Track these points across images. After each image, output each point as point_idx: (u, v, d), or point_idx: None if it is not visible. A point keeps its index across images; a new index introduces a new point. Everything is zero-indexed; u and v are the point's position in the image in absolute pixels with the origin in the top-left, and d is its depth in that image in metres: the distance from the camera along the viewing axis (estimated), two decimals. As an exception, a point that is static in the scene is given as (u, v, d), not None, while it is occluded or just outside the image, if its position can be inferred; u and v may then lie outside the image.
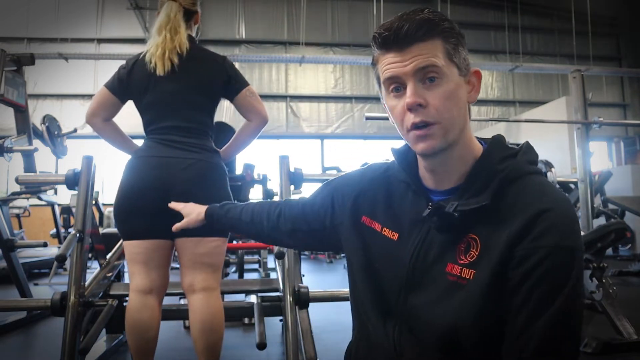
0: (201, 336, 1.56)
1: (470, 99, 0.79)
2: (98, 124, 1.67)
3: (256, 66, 10.02)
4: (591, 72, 8.66)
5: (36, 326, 3.02)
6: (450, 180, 0.79)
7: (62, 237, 5.72)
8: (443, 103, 0.73)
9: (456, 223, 0.73)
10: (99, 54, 9.10)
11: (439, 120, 0.73)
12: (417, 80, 0.73)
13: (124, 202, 1.59)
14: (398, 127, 0.78)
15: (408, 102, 0.72)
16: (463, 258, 0.73)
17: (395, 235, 0.82)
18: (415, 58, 0.72)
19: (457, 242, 0.74)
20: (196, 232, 1.58)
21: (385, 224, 0.84)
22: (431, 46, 0.73)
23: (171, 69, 1.62)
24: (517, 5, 10.27)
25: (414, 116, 0.73)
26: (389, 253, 0.82)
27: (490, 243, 0.71)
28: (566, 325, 0.67)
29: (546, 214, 0.68)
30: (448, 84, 0.73)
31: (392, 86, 0.76)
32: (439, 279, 0.75)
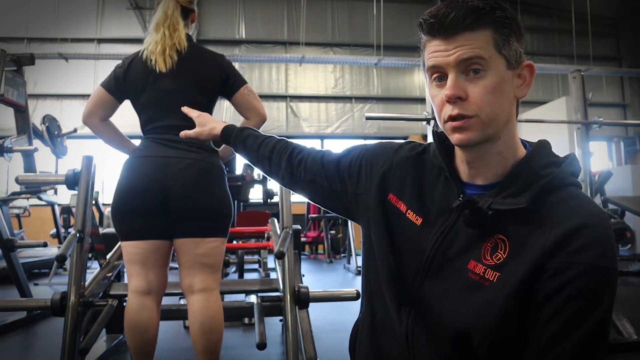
0: (201, 336, 1.56)
1: (519, 93, 0.74)
2: (95, 124, 1.67)
3: (256, 66, 10.01)
4: (591, 72, 8.66)
5: (36, 326, 3.02)
6: (486, 176, 0.76)
7: (62, 237, 5.72)
8: (484, 97, 0.70)
9: (487, 221, 0.70)
10: (99, 54, 9.09)
11: (478, 114, 0.70)
12: (460, 71, 0.70)
13: (122, 203, 1.58)
14: (437, 117, 0.75)
15: (447, 94, 0.70)
16: (489, 258, 0.70)
17: (419, 220, 0.80)
18: (459, 48, 0.69)
19: (484, 241, 0.72)
20: (196, 232, 1.59)
21: (411, 206, 0.81)
22: (479, 36, 0.69)
23: (171, 65, 1.62)
24: (517, 5, 10.26)
25: (452, 108, 0.71)
26: (410, 236, 0.80)
27: (522, 248, 0.68)
28: (595, 347, 0.64)
29: (587, 229, 0.66)
30: (492, 77, 0.70)
31: (434, 75, 0.73)
32: (459, 274, 0.72)
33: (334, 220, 7.38)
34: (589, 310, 0.64)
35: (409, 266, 0.79)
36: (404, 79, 10.67)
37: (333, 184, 0.95)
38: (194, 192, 1.56)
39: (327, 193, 0.97)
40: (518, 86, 0.74)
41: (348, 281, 4.93)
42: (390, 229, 0.83)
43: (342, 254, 7.67)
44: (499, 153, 0.74)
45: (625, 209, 5.28)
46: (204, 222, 1.59)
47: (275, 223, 2.34)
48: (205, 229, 1.59)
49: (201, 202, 1.58)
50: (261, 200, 5.03)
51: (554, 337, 0.64)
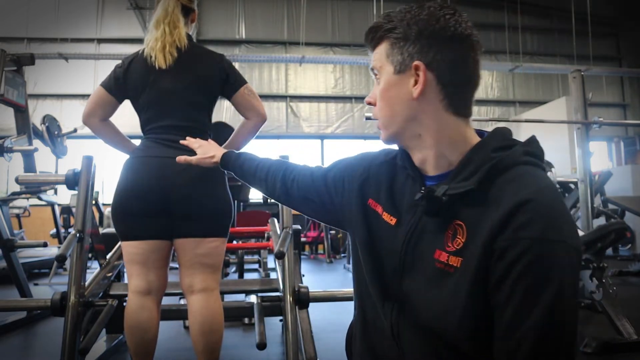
0: (201, 337, 1.56)
1: (414, 93, 0.76)
2: (95, 124, 1.67)
3: (256, 66, 10.01)
4: (591, 72, 8.66)
5: (36, 326, 3.02)
6: (438, 167, 0.79)
7: (62, 237, 5.72)
8: (378, 102, 0.81)
9: (445, 208, 0.72)
10: (99, 54, 9.10)
11: (378, 116, 0.82)
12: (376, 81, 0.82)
13: (122, 203, 1.58)
14: None
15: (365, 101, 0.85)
16: (450, 245, 0.72)
17: (393, 220, 0.83)
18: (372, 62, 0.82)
19: (446, 229, 0.73)
20: (196, 232, 1.59)
21: (386, 208, 0.85)
22: (379, 49, 0.80)
23: (171, 64, 1.61)
24: (517, 5, 10.26)
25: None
26: (387, 236, 0.83)
27: (476, 231, 0.69)
28: (558, 325, 0.62)
29: (531, 204, 0.65)
30: (382, 84, 0.80)
31: None
32: (428, 265, 0.74)
33: (334, 220, 7.36)
34: (541, 286, 0.62)
35: (388, 265, 0.82)
36: (404, 79, 10.66)
37: (323, 199, 1.01)
38: (194, 192, 1.56)
39: (319, 208, 1.03)
40: (413, 86, 0.76)
41: (348, 281, 4.92)
42: (371, 231, 0.87)
43: (342, 254, 7.68)
44: (429, 147, 0.78)
45: (625, 209, 5.29)
46: (204, 222, 1.59)
47: (275, 223, 2.34)
48: (205, 229, 1.59)
49: (201, 202, 1.58)
50: (261, 200, 5.03)
51: (514, 318, 0.63)
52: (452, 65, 0.75)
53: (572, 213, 4.86)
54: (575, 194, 4.54)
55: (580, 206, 3.72)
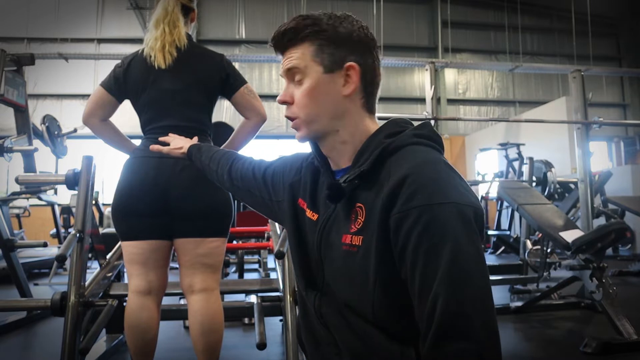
0: (201, 337, 1.56)
1: (345, 91, 0.82)
2: (95, 124, 1.66)
3: (256, 66, 10.02)
4: (591, 72, 8.64)
5: (36, 326, 3.02)
6: (344, 160, 0.85)
7: (62, 237, 5.72)
8: (301, 100, 0.83)
9: (347, 194, 0.79)
10: (99, 54, 9.10)
11: (298, 115, 0.84)
12: (290, 80, 0.85)
13: (122, 203, 1.58)
14: None
15: (277, 100, 0.87)
16: (353, 227, 0.77)
17: (315, 216, 0.88)
18: (287, 61, 0.84)
19: (350, 214, 0.79)
20: (197, 232, 1.59)
21: (309, 206, 0.91)
22: (300, 49, 0.83)
23: (171, 64, 1.61)
24: (517, 5, 10.26)
25: (285, 111, 0.87)
26: (311, 232, 0.88)
27: (372, 209, 0.74)
28: (465, 277, 0.64)
29: (412, 177, 0.70)
30: (309, 82, 0.82)
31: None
32: (337, 250, 0.80)
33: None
34: (439, 245, 0.65)
35: (312, 258, 0.87)
36: (404, 79, 10.68)
37: (262, 194, 1.07)
38: (194, 192, 1.56)
39: (260, 201, 1.09)
40: (343, 85, 0.82)
41: (348, 281, 4.92)
42: (299, 228, 0.92)
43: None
44: (344, 142, 0.84)
45: (625, 209, 5.29)
46: (204, 222, 1.59)
47: (275, 223, 2.34)
48: (205, 229, 1.59)
49: (202, 202, 1.58)
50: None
51: (422, 281, 0.66)
52: (372, 68, 0.84)
53: (572, 213, 4.86)
54: (575, 194, 4.54)
55: (580, 206, 3.72)
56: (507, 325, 2.84)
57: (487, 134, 10.18)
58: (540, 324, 2.85)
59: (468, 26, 11.10)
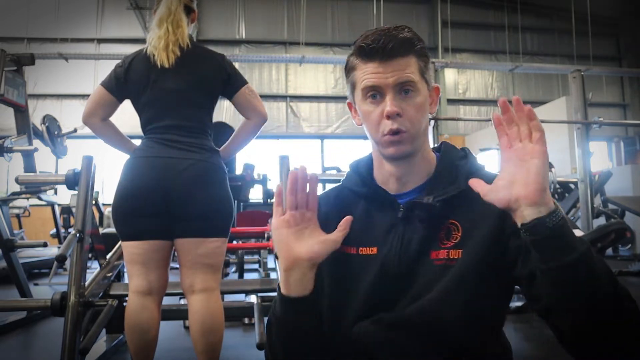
0: (201, 337, 1.56)
1: (431, 110, 0.87)
2: (96, 123, 1.66)
3: (256, 66, 10.02)
4: (591, 72, 8.64)
5: (36, 326, 3.02)
6: (414, 182, 0.87)
7: (62, 237, 5.72)
8: (415, 114, 0.82)
9: (436, 213, 0.81)
10: (99, 54, 9.09)
11: (409, 129, 0.82)
12: (396, 91, 0.81)
13: (123, 203, 1.58)
14: (371, 130, 0.85)
15: (388, 111, 0.80)
16: (447, 242, 0.81)
17: (374, 250, 0.85)
18: (396, 72, 0.81)
19: (437, 231, 0.82)
20: (197, 232, 1.59)
21: (360, 244, 0.86)
22: (408, 62, 0.82)
23: (173, 63, 1.61)
24: (517, 5, 10.27)
25: (392, 123, 0.81)
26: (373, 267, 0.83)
27: (475, 221, 0.80)
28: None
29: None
30: (419, 97, 0.83)
31: (369, 93, 0.83)
32: (426, 269, 0.80)
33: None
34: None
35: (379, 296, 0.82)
36: (404, 79, 10.66)
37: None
38: (195, 192, 1.56)
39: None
40: (430, 104, 0.87)
41: (348, 281, 4.92)
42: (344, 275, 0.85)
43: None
44: (421, 161, 0.87)
45: (625, 209, 5.29)
46: (205, 222, 1.59)
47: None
48: (206, 229, 1.59)
49: (202, 203, 1.58)
50: (261, 200, 5.03)
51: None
52: None
53: (572, 213, 4.85)
54: (575, 194, 4.54)
55: (580, 206, 3.72)
56: (507, 325, 2.83)
57: (487, 134, 10.17)
58: (540, 324, 2.85)
59: (468, 26, 11.10)
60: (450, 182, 0.84)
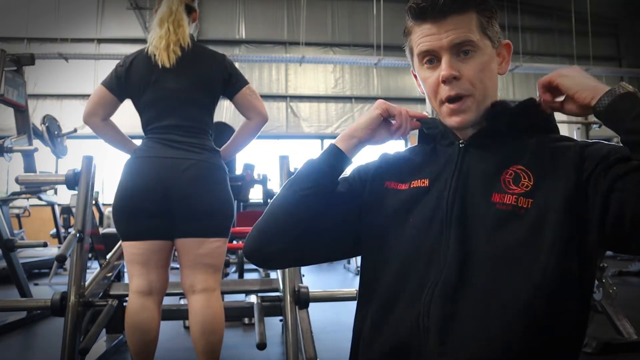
0: (201, 337, 1.56)
1: (500, 70, 0.80)
2: (96, 123, 1.67)
3: (256, 66, 10.01)
4: (591, 72, 8.64)
5: (36, 326, 3.02)
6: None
7: (62, 237, 5.72)
8: (477, 75, 0.75)
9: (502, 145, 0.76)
10: (99, 54, 9.09)
11: (473, 93, 0.75)
12: (453, 53, 0.74)
13: (124, 203, 1.58)
14: (431, 98, 0.79)
15: (444, 75, 0.73)
16: (514, 187, 0.72)
17: (425, 182, 0.80)
18: (451, 32, 0.73)
19: (500, 173, 0.74)
20: (198, 232, 1.59)
21: (412, 179, 0.82)
22: (467, 19, 0.74)
23: (174, 63, 1.61)
24: (517, 5, 10.26)
25: (449, 89, 0.74)
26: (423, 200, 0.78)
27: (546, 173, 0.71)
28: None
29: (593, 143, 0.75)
30: (482, 57, 0.75)
31: (426, 58, 0.77)
32: (486, 211, 0.72)
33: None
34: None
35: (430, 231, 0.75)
36: (404, 79, 10.67)
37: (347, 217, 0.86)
38: (196, 192, 1.56)
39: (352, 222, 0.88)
40: (499, 64, 0.80)
41: (348, 281, 4.92)
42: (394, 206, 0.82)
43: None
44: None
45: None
46: (205, 222, 1.59)
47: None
48: (207, 229, 1.59)
49: (203, 203, 1.58)
50: (261, 200, 5.03)
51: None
52: None
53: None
54: (575, 194, 4.54)
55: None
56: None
57: (487, 134, 10.18)
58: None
59: (468, 26, 11.11)
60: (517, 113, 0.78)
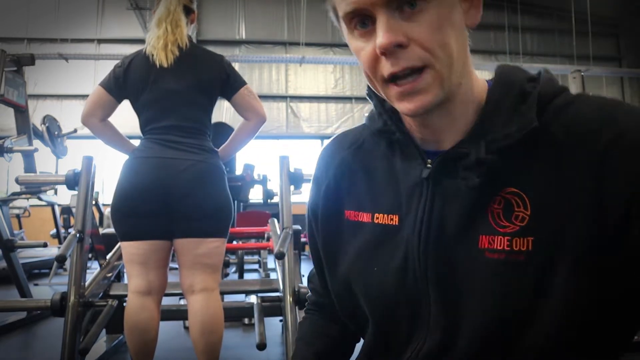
0: (201, 337, 1.56)
1: (469, 20, 0.55)
2: (95, 124, 1.67)
3: (256, 66, 10.01)
4: (591, 72, 8.66)
5: (36, 326, 3.03)
6: (454, 131, 0.56)
7: (62, 237, 5.72)
8: (433, 36, 0.50)
9: (497, 172, 0.52)
10: (99, 54, 9.10)
11: (430, 62, 0.50)
12: (392, 9, 0.49)
13: (122, 203, 1.58)
14: (370, 78, 0.55)
15: (381, 44, 0.49)
16: (506, 223, 0.51)
17: (394, 219, 0.59)
18: None
19: (487, 205, 0.52)
20: (196, 232, 1.59)
21: (377, 207, 0.61)
22: None
23: (172, 63, 1.62)
24: (517, 5, 10.27)
25: (393, 63, 0.50)
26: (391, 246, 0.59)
27: (550, 191, 0.49)
28: None
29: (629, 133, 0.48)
30: (437, 8, 0.50)
31: (354, 21, 0.52)
32: (473, 262, 0.52)
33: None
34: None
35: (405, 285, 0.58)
36: (404, 79, 10.67)
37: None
38: (194, 192, 1.57)
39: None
40: (465, 11, 0.54)
41: (348, 281, 4.91)
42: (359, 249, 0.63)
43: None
44: (463, 102, 0.55)
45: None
46: (204, 223, 1.59)
47: (275, 223, 2.34)
48: (205, 230, 1.60)
49: (201, 203, 1.58)
50: (261, 200, 5.02)
51: None
52: None
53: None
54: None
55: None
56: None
57: (487, 134, 10.17)
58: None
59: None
60: (509, 119, 0.52)
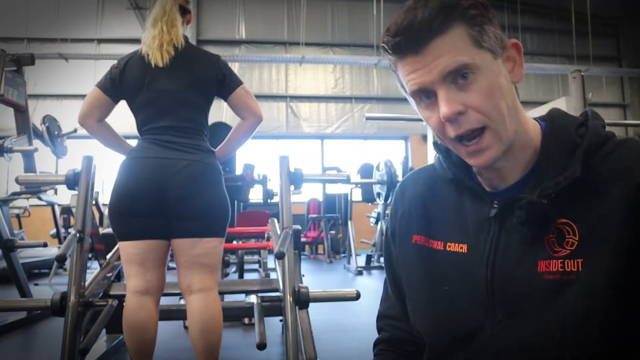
0: (200, 337, 1.56)
1: (515, 78, 0.65)
2: (92, 125, 1.67)
3: (256, 66, 10.01)
4: (591, 72, 8.67)
5: (36, 326, 3.03)
6: (515, 172, 0.67)
7: (62, 237, 5.72)
8: (486, 101, 0.61)
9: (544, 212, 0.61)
10: (99, 54, 9.10)
11: (487, 124, 0.61)
12: (448, 83, 0.61)
13: (119, 203, 1.59)
14: (442, 139, 0.67)
15: (444, 114, 0.61)
16: (559, 249, 0.61)
17: (463, 247, 0.70)
18: (438, 61, 0.60)
19: (544, 235, 0.62)
20: (193, 232, 1.59)
21: (449, 237, 0.72)
22: (453, 39, 0.60)
23: (168, 63, 1.62)
24: (517, 5, 10.27)
25: (457, 127, 0.62)
26: (461, 270, 0.69)
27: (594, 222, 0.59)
28: None
29: None
30: (486, 77, 0.61)
31: (419, 95, 0.64)
32: (534, 284, 0.62)
33: (334, 221, 7.39)
34: None
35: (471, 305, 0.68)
36: (404, 79, 10.67)
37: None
38: (191, 192, 1.57)
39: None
40: (510, 71, 0.65)
41: (348, 281, 4.92)
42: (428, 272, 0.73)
43: (342, 254, 7.68)
44: (523, 146, 0.66)
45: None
46: (201, 223, 1.59)
47: (275, 223, 2.34)
48: (202, 229, 1.60)
49: (198, 203, 1.58)
50: (261, 200, 5.02)
51: None
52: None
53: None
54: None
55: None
56: None
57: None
58: None
59: (468, 26, 11.11)
60: (561, 166, 0.62)
